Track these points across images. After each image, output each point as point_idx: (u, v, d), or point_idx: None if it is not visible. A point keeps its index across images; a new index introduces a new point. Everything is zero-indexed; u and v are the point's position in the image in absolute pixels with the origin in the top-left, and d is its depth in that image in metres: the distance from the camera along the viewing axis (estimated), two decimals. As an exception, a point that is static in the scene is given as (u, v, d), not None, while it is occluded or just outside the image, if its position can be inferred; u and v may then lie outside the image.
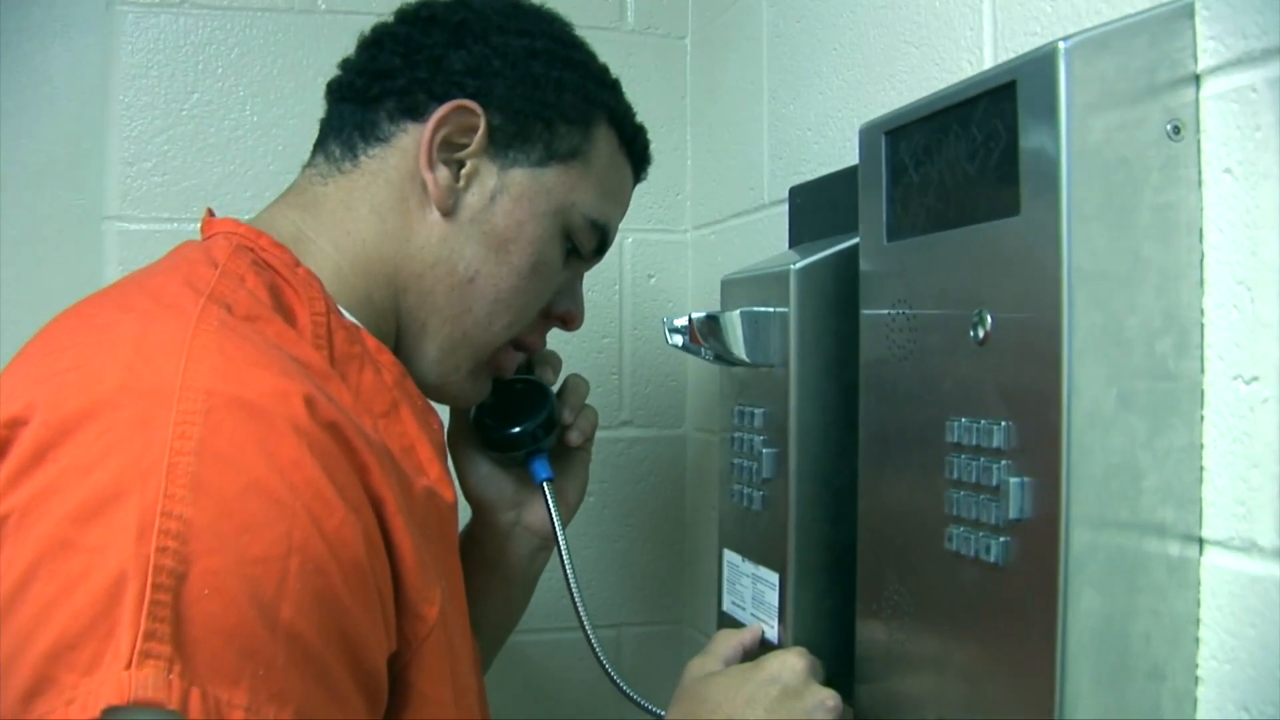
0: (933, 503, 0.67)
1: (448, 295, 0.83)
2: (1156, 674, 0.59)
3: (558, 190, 0.85)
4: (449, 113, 0.81)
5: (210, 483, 0.55)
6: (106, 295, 0.73)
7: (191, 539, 0.53)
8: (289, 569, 0.56)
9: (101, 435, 0.56)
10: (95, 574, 0.52)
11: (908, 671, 0.72)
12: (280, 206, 0.85)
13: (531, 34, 0.86)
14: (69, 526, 0.53)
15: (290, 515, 0.57)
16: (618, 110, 0.90)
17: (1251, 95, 0.56)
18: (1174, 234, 0.59)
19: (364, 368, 0.76)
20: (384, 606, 0.64)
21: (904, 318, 0.72)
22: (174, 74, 1.32)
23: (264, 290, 0.72)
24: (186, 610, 0.52)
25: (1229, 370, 0.57)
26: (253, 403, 0.59)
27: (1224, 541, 0.58)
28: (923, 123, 0.70)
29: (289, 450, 0.59)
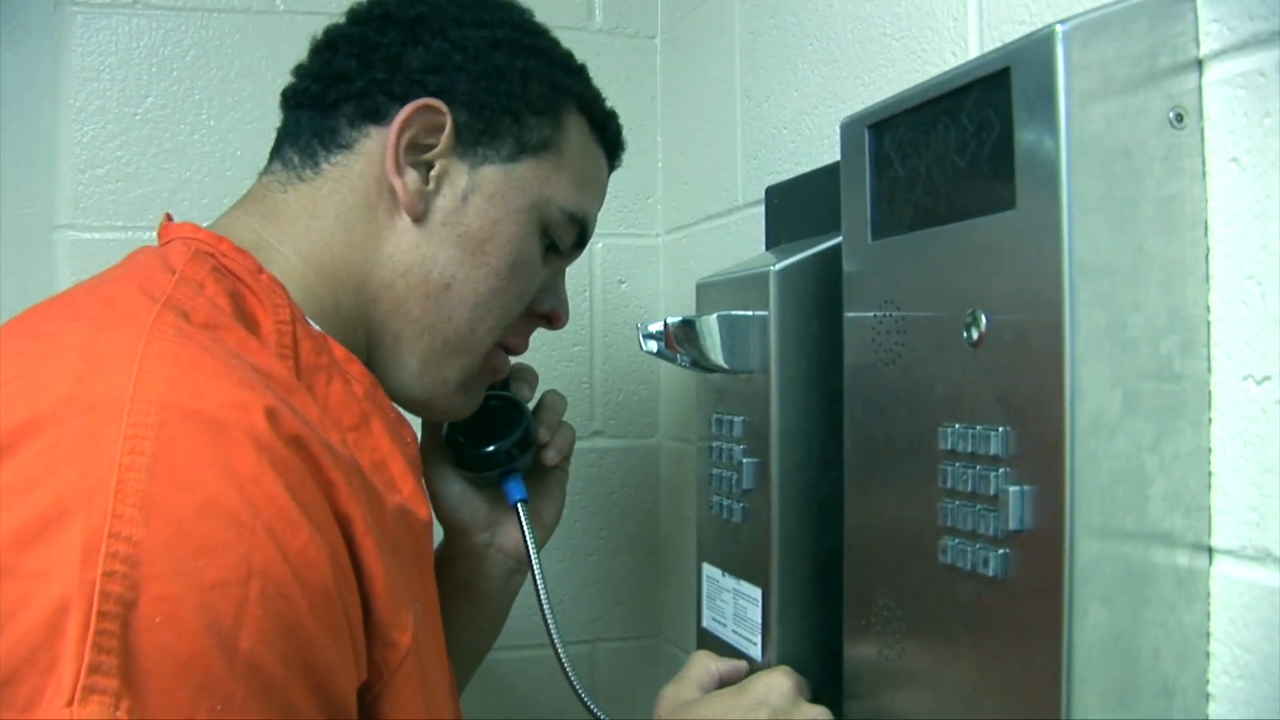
0: (925, 514, 0.64)
1: (423, 304, 0.80)
2: (1166, 691, 0.56)
3: (531, 184, 0.82)
4: (413, 113, 0.78)
5: (163, 501, 0.52)
6: (55, 303, 0.69)
7: (142, 563, 0.50)
8: (249, 595, 0.52)
9: (44, 451, 0.53)
10: (35, 602, 0.49)
11: (900, 690, 0.69)
12: (238, 213, 0.81)
13: (491, 24, 0.83)
14: (7, 551, 0.50)
15: (250, 536, 0.53)
16: (586, 96, 0.87)
17: (1260, 80, 0.53)
18: (1178, 227, 0.56)
19: (332, 378, 0.72)
20: (353, 634, 0.60)
21: (891, 320, 0.69)
22: (127, 77, 1.27)
23: (224, 297, 0.69)
24: (136, 641, 0.49)
25: (1238, 370, 0.55)
26: (210, 415, 0.55)
27: (1235, 551, 0.55)
28: (909, 115, 0.67)
29: (249, 466, 0.55)
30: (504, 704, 1.35)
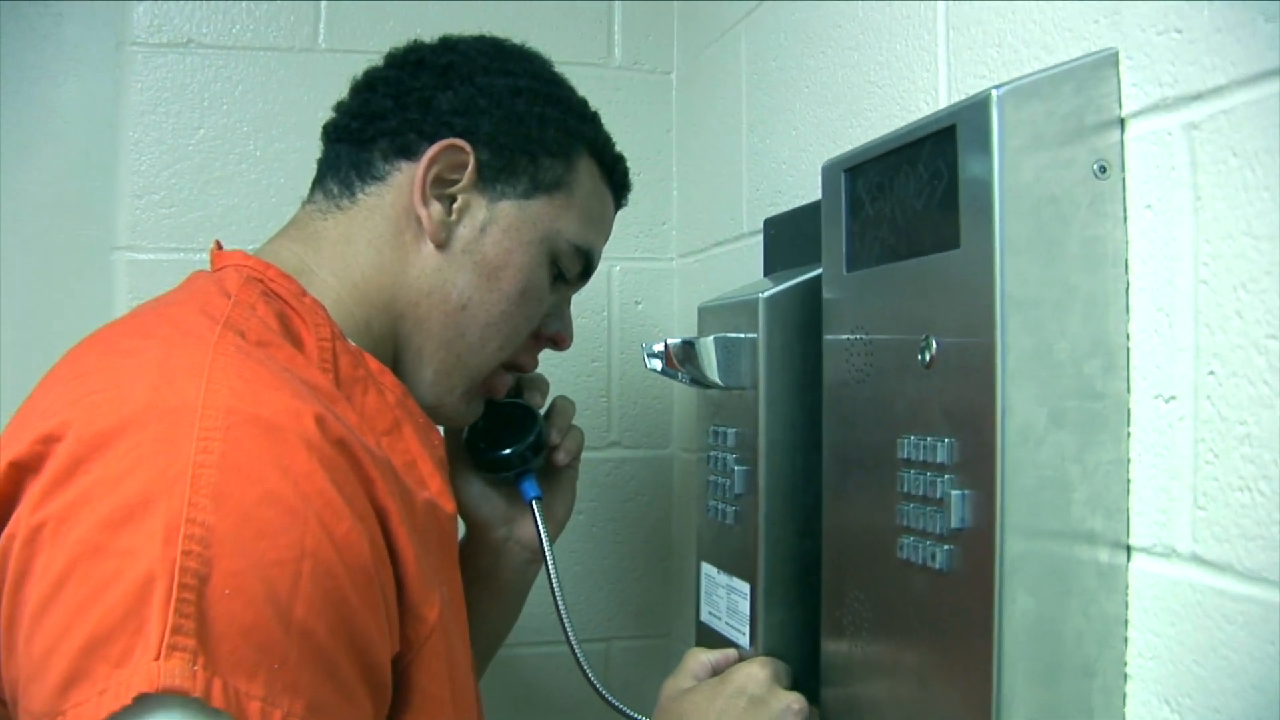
0: (886, 515, 0.72)
1: (442, 321, 0.88)
2: (1088, 672, 0.63)
3: (543, 219, 0.90)
4: (439, 151, 0.86)
5: (230, 493, 0.60)
6: (127, 324, 0.78)
7: (214, 543, 0.58)
8: (302, 571, 0.61)
9: (131, 450, 0.61)
10: (126, 575, 0.57)
11: (868, 676, 0.77)
12: (283, 240, 0.90)
13: (514, 74, 0.91)
14: (101, 532, 0.58)
15: (303, 523, 0.62)
16: (597, 141, 0.95)
17: (1168, 137, 0.61)
18: (1101, 265, 0.64)
19: (368, 389, 0.81)
20: (388, 608, 0.68)
21: (861, 343, 0.77)
22: (181, 111, 1.37)
23: (274, 318, 0.77)
24: (209, 609, 0.57)
25: (1151, 390, 0.62)
26: (268, 420, 0.64)
27: (1148, 548, 0.62)
28: (877, 161, 0.76)
29: (301, 463, 0.63)
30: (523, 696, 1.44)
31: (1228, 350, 0.57)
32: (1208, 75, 0.58)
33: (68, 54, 1.45)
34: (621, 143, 0.99)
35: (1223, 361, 0.57)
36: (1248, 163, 0.56)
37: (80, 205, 1.42)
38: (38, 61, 1.45)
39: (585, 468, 1.32)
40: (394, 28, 1.40)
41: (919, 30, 0.86)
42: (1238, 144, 0.56)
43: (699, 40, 1.40)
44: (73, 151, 1.43)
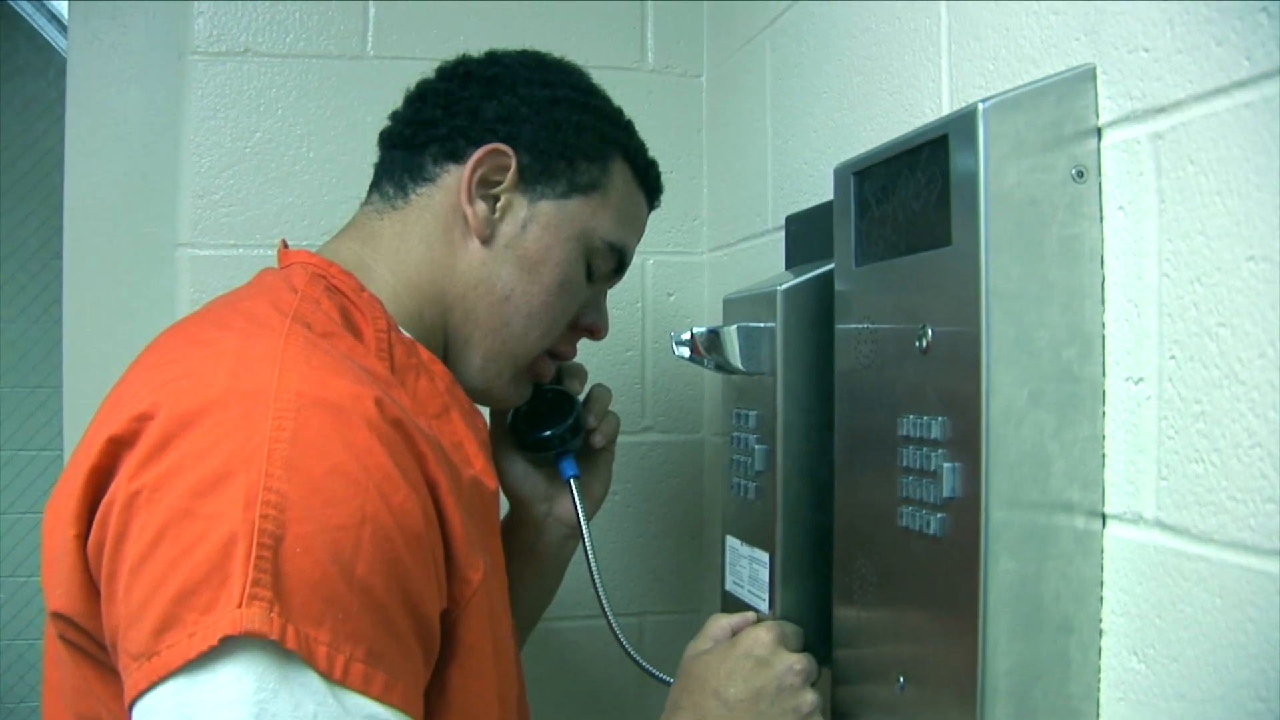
0: (889, 487, 0.79)
1: (488, 312, 0.96)
2: (1065, 628, 0.70)
3: (579, 218, 0.98)
4: (484, 155, 0.94)
5: (301, 465, 0.68)
6: (205, 316, 0.86)
7: (287, 509, 0.66)
8: (363, 535, 0.68)
9: (214, 427, 0.68)
10: (211, 535, 0.65)
11: (874, 637, 0.84)
12: (343, 239, 0.98)
13: (554, 84, 0.99)
14: (190, 499, 0.66)
15: (364, 492, 0.69)
16: (631, 147, 1.03)
17: (1137, 146, 0.68)
18: (1079, 261, 0.71)
19: (420, 376, 0.89)
20: (437, 568, 0.75)
21: (868, 332, 0.84)
22: (239, 116, 1.46)
23: (336, 311, 0.85)
24: (283, 565, 0.65)
25: (1122, 373, 0.69)
26: (334, 402, 0.71)
27: (1120, 515, 0.69)
28: (881, 165, 0.83)
29: (363, 440, 0.71)
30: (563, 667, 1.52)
31: (1186, 337, 0.64)
32: (1169, 91, 0.65)
33: (132, 63, 1.54)
34: (654, 142, 1.07)
35: (1181, 347, 0.64)
36: (1203, 170, 0.63)
37: (145, 205, 1.51)
38: (103, 70, 1.54)
39: (620, 451, 1.40)
40: (437, 36, 1.49)
41: (924, 43, 0.93)
42: (1194, 153, 0.63)
43: (727, 46, 1.47)
44: (137, 154, 1.53)
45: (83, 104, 1.54)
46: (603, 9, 1.53)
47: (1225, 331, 0.61)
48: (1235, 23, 0.60)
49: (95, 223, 1.53)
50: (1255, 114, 0.59)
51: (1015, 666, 0.69)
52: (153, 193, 1.51)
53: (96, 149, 1.54)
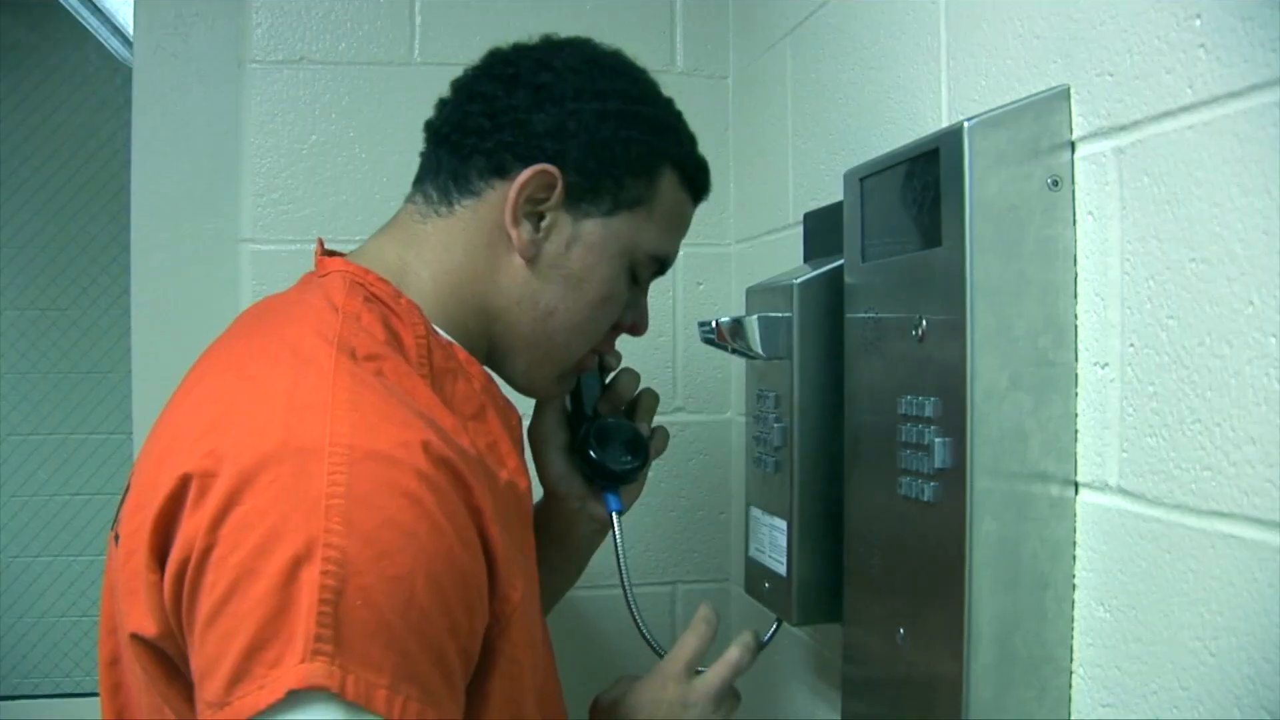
0: (891, 460, 0.89)
1: (531, 327, 0.98)
2: (1042, 584, 0.80)
3: (624, 234, 0.98)
4: (531, 176, 0.94)
5: (357, 519, 0.71)
6: (253, 343, 0.89)
7: (346, 563, 0.69)
8: (416, 585, 0.72)
9: (272, 484, 0.71)
10: (276, 592, 0.69)
11: (879, 595, 0.94)
12: (386, 240, 0.99)
13: (604, 96, 0.97)
14: (254, 558, 0.70)
15: (416, 543, 0.73)
16: (680, 155, 1.03)
17: (1104, 158, 0.77)
18: (1054, 260, 0.80)
19: (457, 379, 0.91)
20: (481, 598, 0.79)
21: (872, 321, 0.94)
22: (295, 120, 1.57)
23: (378, 324, 0.87)
24: (344, 617, 0.69)
25: (1092, 359, 0.79)
26: (385, 453, 0.74)
27: (1089, 483, 0.79)
28: (884, 172, 0.92)
29: (414, 490, 0.74)
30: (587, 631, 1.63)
31: (1142, 327, 0.73)
32: (1129, 111, 0.74)
33: (193, 70, 1.65)
34: None
35: (1139, 336, 0.74)
36: (1156, 181, 0.72)
37: (208, 202, 1.62)
38: (167, 76, 1.65)
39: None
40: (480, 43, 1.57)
41: (927, 59, 1.02)
42: (1149, 166, 0.72)
43: (751, 50, 1.56)
44: (200, 155, 1.63)
45: (148, 108, 1.64)
46: (635, 16, 1.63)
47: (1173, 322, 0.70)
48: (1180, 54, 0.69)
49: (161, 219, 1.64)
50: (1196, 135, 0.68)
51: (997, 617, 0.79)
52: (216, 191, 1.62)
53: (161, 150, 1.64)
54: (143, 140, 1.65)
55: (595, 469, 1.13)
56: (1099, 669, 0.77)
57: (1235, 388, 0.65)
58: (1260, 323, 0.63)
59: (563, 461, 1.16)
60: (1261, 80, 0.63)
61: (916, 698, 0.87)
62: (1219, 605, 0.66)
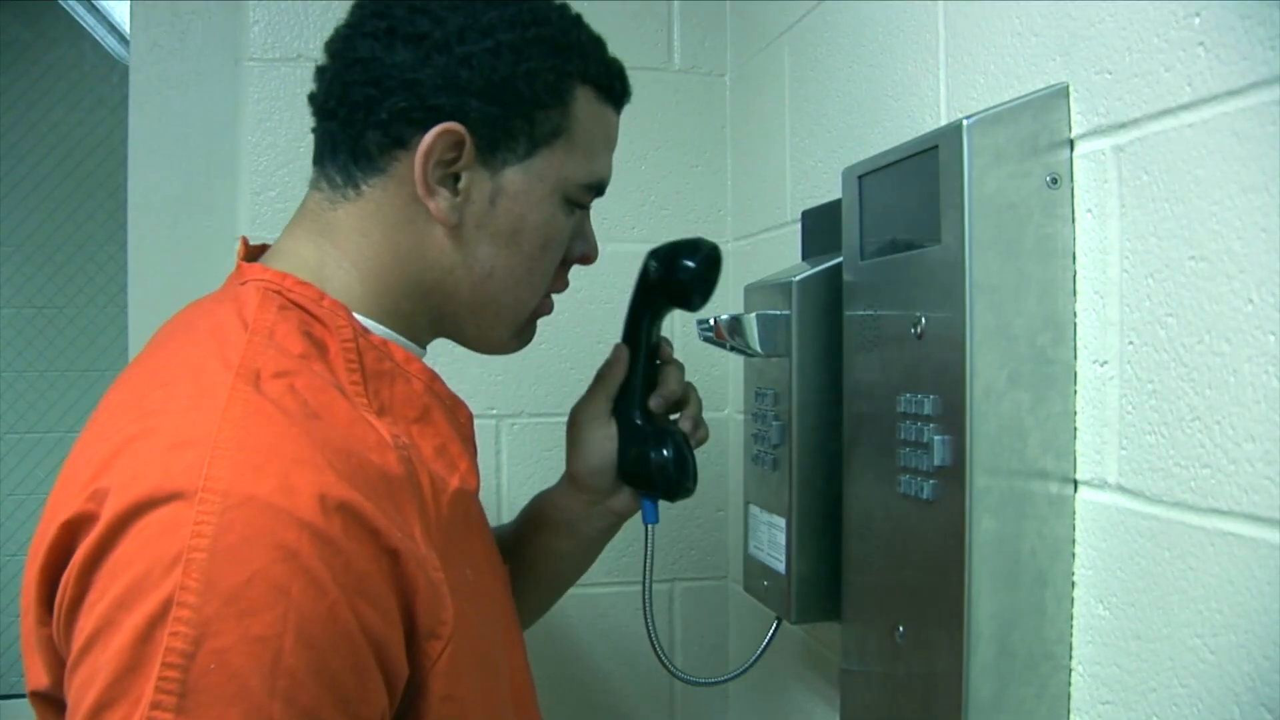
0: (890, 458, 0.89)
1: (471, 292, 0.91)
2: (1041, 581, 0.80)
3: (549, 173, 0.90)
4: (433, 140, 0.85)
5: (218, 575, 0.65)
6: (157, 365, 0.82)
7: (200, 624, 0.64)
8: (284, 645, 0.66)
9: (141, 533, 0.67)
10: (126, 651, 0.64)
11: (878, 592, 0.94)
12: (301, 234, 0.91)
13: (491, 28, 0.87)
14: (114, 609, 0.66)
15: (286, 600, 0.66)
16: (590, 68, 0.93)
17: (1103, 156, 0.77)
18: (1053, 257, 0.80)
19: (395, 381, 0.85)
20: (387, 658, 0.73)
21: (871, 319, 0.94)
22: (293, 118, 1.57)
23: (295, 334, 0.80)
24: (194, 683, 0.64)
25: (1091, 356, 0.79)
26: (263, 500, 0.68)
27: (1089, 481, 0.79)
28: (882, 170, 0.92)
29: (291, 542, 0.67)
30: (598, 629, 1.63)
31: (1141, 325, 0.73)
32: (1128, 109, 0.74)
33: (189, 68, 1.64)
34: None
35: (1138, 334, 0.74)
36: (1155, 179, 0.72)
37: (204, 200, 1.62)
38: (164, 73, 1.65)
39: None
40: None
41: (924, 56, 1.02)
42: (1148, 164, 0.72)
43: (749, 47, 1.56)
44: (197, 152, 1.63)
45: (144, 106, 1.64)
46: (631, 12, 1.63)
47: (1172, 320, 0.70)
48: (1179, 52, 0.69)
49: (158, 217, 1.64)
50: (1195, 133, 0.68)
51: (996, 614, 0.79)
52: (213, 188, 1.62)
53: (158, 148, 1.64)
54: (139, 138, 1.64)
55: (650, 480, 1.10)
56: (1098, 666, 0.77)
57: (1234, 385, 0.65)
58: (1260, 320, 0.64)
59: (601, 456, 1.11)
60: (1260, 78, 0.63)
61: (916, 695, 0.87)
62: (1218, 603, 0.66)
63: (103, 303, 1.86)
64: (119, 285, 1.80)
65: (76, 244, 1.87)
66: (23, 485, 2.22)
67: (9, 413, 2.17)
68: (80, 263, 1.84)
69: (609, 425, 1.12)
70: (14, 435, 2.16)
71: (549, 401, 1.60)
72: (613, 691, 1.65)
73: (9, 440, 2.22)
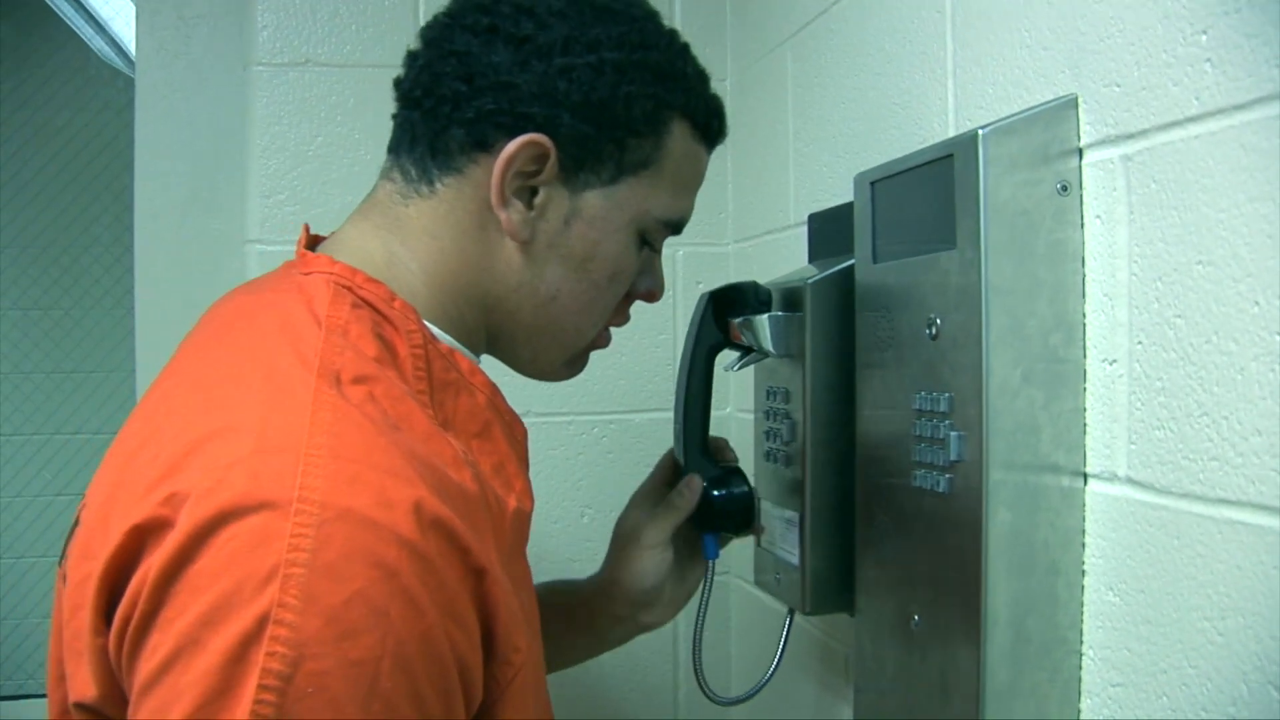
0: (904, 453, 0.93)
1: (533, 313, 0.89)
2: (1053, 570, 0.84)
3: (630, 203, 0.88)
4: (518, 149, 0.83)
5: (318, 593, 0.62)
6: (220, 355, 0.79)
7: (299, 644, 0.61)
8: (382, 670, 0.63)
9: (229, 543, 0.63)
10: (216, 672, 0.61)
11: (893, 583, 0.98)
12: (367, 227, 0.89)
13: (598, 45, 0.85)
14: (199, 628, 0.61)
15: (385, 622, 0.63)
16: (689, 103, 0.91)
17: (1111, 165, 0.81)
18: (1063, 261, 0.84)
19: (459, 393, 0.82)
20: (469, 681, 0.70)
21: (885, 320, 0.98)
22: (301, 122, 1.60)
23: (368, 335, 0.77)
24: (292, 706, 0.60)
25: (1100, 356, 0.83)
26: (361, 515, 0.64)
27: (1098, 474, 0.83)
28: (896, 176, 0.96)
29: (391, 560, 0.64)
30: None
31: (1150, 326, 0.77)
32: (1137, 121, 0.78)
33: (196, 71, 1.67)
34: None
35: (1147, 334, 0.78)
36: (1164, 187, 0.76)
37: (213, 203, 1.65)
38: (170, 78, 1.67)
39: (653, 427, 1.53)
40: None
41: (933, 65, 1.06)
42: (1157, 173, 0.76)
43: (750, 54, 1.60)
44: (205, 156, 1.66)
45: (150, 109, 1.67)
46: (634, 18, 1.66)
47: (1180, 321, 0.74)
48: (1186, 68, 0.73)
49: (164, 219, 1.67)
50: (1202, 144, 0.72)
51: (1011, 601, 0.83)
52: (220, 192, 1.65)
53: (165, 151, 1.67)
54: (146, 141, 1.67)
55: (728, 517, 1.17)
56: (1109, 650, 0.81)
57: (1241, 383, 0.69)
58: (1266, 321, 0.68)
59: (656, 578, 1.12)
60: (1266, 94, 0.67)
61: (932, 680, 0.90)
62: (1226, 588, 0.70)
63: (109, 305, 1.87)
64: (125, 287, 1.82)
65: (82, 246, 1.88)
66: (28, 487, 2.22)
67: (14, 415, 2.17)
68: (86, 264, 1.85)
69: (668, 550, 1.12)
70: (20, 437, 2.15)
71: (554, 401, 1.63)
72: (614, 687, 1.69)
73: (14, 442, 2.22)
